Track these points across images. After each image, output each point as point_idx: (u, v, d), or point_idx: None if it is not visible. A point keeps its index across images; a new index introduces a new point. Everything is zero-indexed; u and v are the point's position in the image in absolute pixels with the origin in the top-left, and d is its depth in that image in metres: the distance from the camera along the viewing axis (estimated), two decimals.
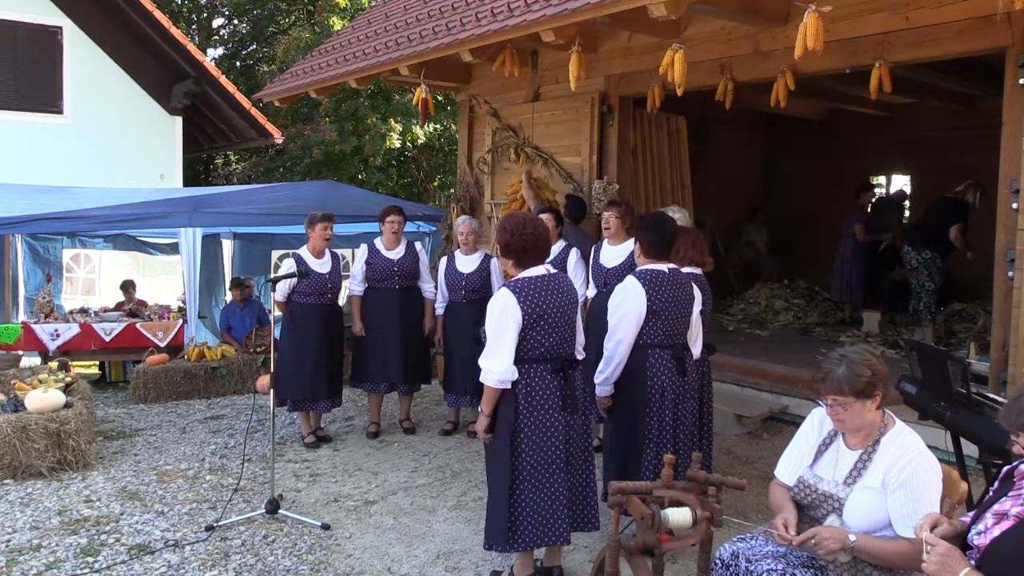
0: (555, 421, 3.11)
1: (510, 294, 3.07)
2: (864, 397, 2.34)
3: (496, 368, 3.05)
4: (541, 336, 3.08)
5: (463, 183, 7.77)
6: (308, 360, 5.25)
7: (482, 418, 3.16)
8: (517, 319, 3.04)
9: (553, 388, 3.12)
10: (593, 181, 6.40)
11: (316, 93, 7.49)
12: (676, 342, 3.57)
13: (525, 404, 3.09)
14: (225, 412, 6.36)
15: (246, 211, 7.24)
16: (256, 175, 15.67)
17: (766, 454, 5.06)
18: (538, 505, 3.11)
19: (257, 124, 12.33)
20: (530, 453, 3.10)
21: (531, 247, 3.15)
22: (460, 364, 5.50)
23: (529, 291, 3.08)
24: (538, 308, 3.06)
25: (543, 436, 3.11)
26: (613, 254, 4.83)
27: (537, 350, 3.09)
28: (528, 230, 3.16)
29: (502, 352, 3.05)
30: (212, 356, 7.04)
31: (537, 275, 3.14)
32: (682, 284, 3.58)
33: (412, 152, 16.44)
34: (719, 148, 9.73)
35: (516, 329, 3.04)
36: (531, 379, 3.09)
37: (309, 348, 5.26)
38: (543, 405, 3.10)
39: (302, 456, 5.18)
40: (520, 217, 3.25)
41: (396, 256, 5.54)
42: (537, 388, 3.10)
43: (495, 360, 3.06)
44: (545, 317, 3.08)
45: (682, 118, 7.31)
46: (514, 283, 3.13)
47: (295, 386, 5.25)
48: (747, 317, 8.69)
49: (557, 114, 6.76)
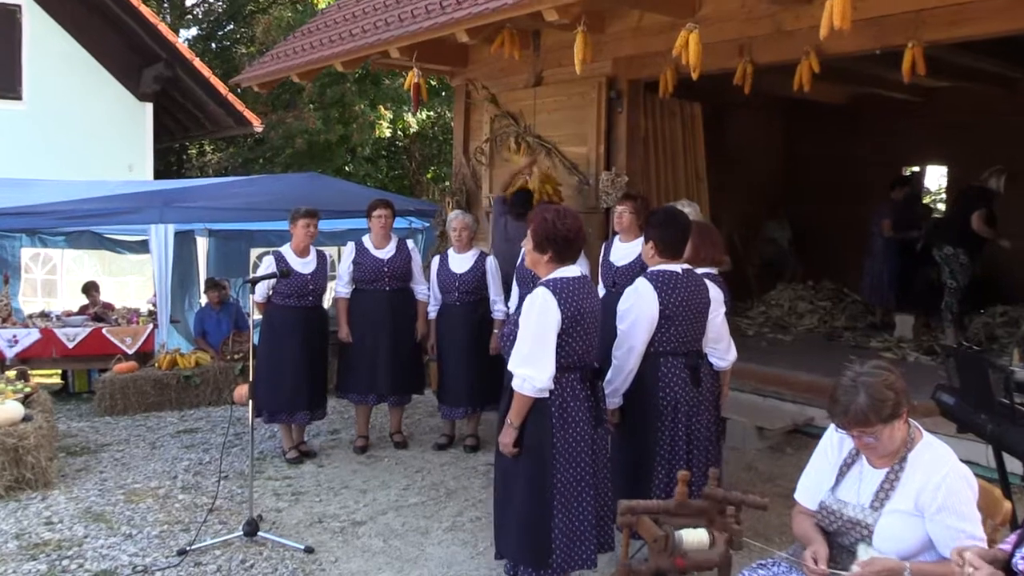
0: (585, 435, 3.13)
1: (549, 294, 3.06)
2: (892, 420, 2.32)
3: (540, 375, 3.01)
4: (575, 342, 3.09)
5: (459, 175, 7.77)
6: (289, 368, 5.25)
7: (509, 430, 3.10)
8: (557, 322, 3.04)
9: (582, 399, 3.13)
10: (600, 173, 6.39)
11: (299, 77, 7.48)
12: (690, 349, 3.57)
13: (559, 416, 3.08)
14: (199, 425, 6.35)
15: (223, 206, 7.24)
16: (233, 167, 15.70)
17: (790, 470, 5.04)
18: (568, 527, 3.11)
19: (234, 111, 12.34)
20: (563, 470, 3.09)
21: (574, 239, 3.16)
22: (455, 372, 5.50)
23: (567, 292, 3.08)
24: (575, 311, 3.07)
25: (575, 452, 3.11)
26: (624, 251, 4.82)
27: (570, 357, 3.09)
28: (570, 220, 3.16)
29: (544, 358, 3.02)
30: (185, 364, 7.03)
31: (572, 276, 3.15)
32: (697, 286, 3.59)
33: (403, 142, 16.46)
34: (737, 137, 9.73)
35: (555, 333, 3.04)
36: (563, 389, 3.10)
37: (290, 355, 5.26)
38: (575, 418, 3.11)
39: (283, 473, 5.17)
40: (557, 207, 3.27)
41: (386, 255, 5.54)
42: (569, 399, 3.11)
43: (537, 367, 3.02)
44: (581, 321, 3.09)
45: (697, 104, 7.31)
46: (553, 283, 3.11)
47: (274, 396, 5.25)
48: (768, 321, 8.69)
49: (561, 100, 6.76)
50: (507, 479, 3.23)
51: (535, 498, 3.10)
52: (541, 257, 3.18)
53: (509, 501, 3.21)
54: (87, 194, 7.16)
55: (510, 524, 3.19)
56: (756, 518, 4.23)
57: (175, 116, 13.25)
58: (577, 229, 3.17)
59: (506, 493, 3.23)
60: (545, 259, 3.17)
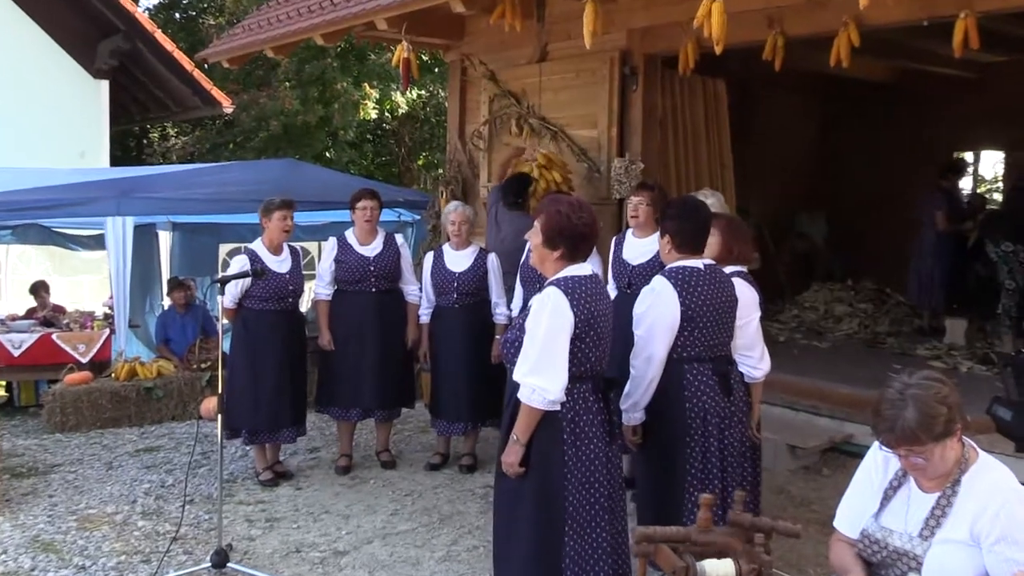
0: (600, 452, 3.14)
1: (561, 294, 3.07)
2: (944, 437, 2.31)
3: (551, 386, 3.02)
4: (589, 348, 3.10)
5: (453, 162, 7.78)
6: (264, 379, 5.26)
7: (515, 447, 3.10)
8: (570, 325, 3.05)
9: (596, 412, 3.15)
10: (612, 159, 6.41)
11: (274, 52, 7.48)
12: (718, 354, 3.57)
13: (571, 432, 3.09)
14: (162, 443, 6.36)
15: (188, 196, 7.24)
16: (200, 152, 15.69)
17: (826, 494, 5.05)
18: (581, 556, 3.10)
19: (201, 90, 12.34)
20: (576, 492, 3.09)
21: (589, 236, 3.18)
22: (451, 383, 5.51)
23: (580, 292, 3.09)
24: (589, 314, 3.08)
25: (589, 471, 3.12)
26: (640, 248, 4.83)
27: (583, 365, 3.11)
28: (587, 215, 3.18)
29: (556, 366, 3.03)
30: (146, 374, 7.04)
31: (584, 275, 3.16)
32: (722, 283, 3.59)
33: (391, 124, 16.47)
34: (767, 119, 9.75)
35: (568, 338, 3.05)
36: (576, 401, 3.10)
37: (265, 365, 5.26)
38: (589, 433, 3.12)
39: (256, 496, 5.17)
40: (572, 198, 3.29)
41: (372, 251, 5.54)
42: (582, 412, 3.11)
43: (548, 376, 3.02)
44: (595, 326, 3.10)
45: (721, 82, 7.31)
46: (564, 282, 3.12)
47: (253, 414, 5.25)
48: (802, 325, 8.70)
49: (568, 77, 6.77)
50: (511, 503, 3.22)
51: (544, 524, 3.09)
52: (550, 254, 3.18)
53: (513, 528, 3.20)
54: (34, 183, 7.15)
55: (514, 554, 3.17)
56: (788, 547, 4.23)
57: (134, 95, 13.25)
58: (593, 224, 3.19)
59: (510, 519, 3.22)
60: (555, 256, 3.17)
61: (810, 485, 5.30)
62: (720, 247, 3.89)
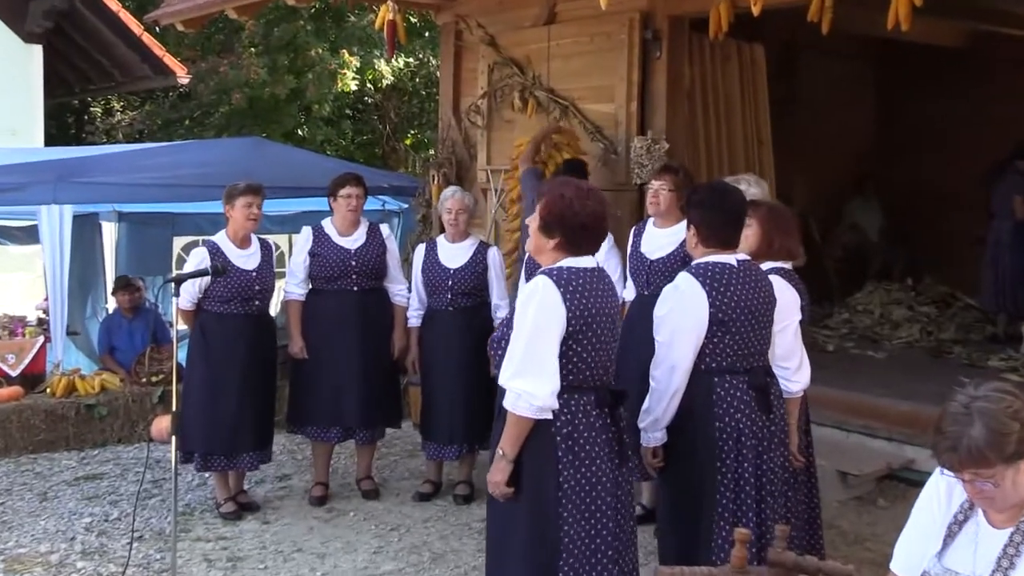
0: (604, 475, 3.15)
1: (551, 284, 3.10)
2: (1017, 459, 2.31)
3: (539, 389, 3.04)
4: (587, 352, 3.13)
5: (446, 141, 7.79)
6: (230, 396, 5.27)
7: (502, 464, 3.12)
8: (561, 323, 3.08)
9: (599, 428, 3.16)
10: (632, 138, 6.42)
11: (237, 13, 7.49)
12: (755, 365, 3.58)
13: (567, 448, 3.10)
14: (106, 469, 6.37)
15: (136, 181, 7.26)
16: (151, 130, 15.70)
17: (882, 529, 5.06)
18: None
19: (151, 57, 12.36)
20: (574, 522, 3.11)
21: (592, 228, 3.22)
22: (444, 399, 5.52)
23: (576, 285, 3.12)
24: (586, 310, 3.11)
25: (590, 496, 3.13)
26: (661, 240, 4.85)
27: (582, 372, 3.13)
28: (593, 203, 3.22)
29: (544, 366, 3.05)
30: (87, 389, 7.05)
31: (584, 267, 3.19)
32: (758, 282, 3.60)
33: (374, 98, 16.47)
34: (812, 90, 9.75)
35: (558, 336, 3.08)
36: (574, 413, 3.12)
37: (225, 377, 5.28)
38: (591, 452, 3.13)
39: (217, 532, 5.19)
40: (580, 183, 3.34)
41: (354, 244, 5.57)
42: (582, 427, 3.13)
43: (535, 379, 3.05)
44: (593, 326, 3.13)
45: (760, 47, 7.33)
46: (557, 272, 3.16)
47: (209, 434, 5.26)
48: (854, 331, 8.71)
49: (581, 43, 6.78)
50: (501, 530, 3.25)
51: (536, 556, 3.11)
52: (547, 242, 3.22)
53: (503, 560, 3.22)
54: None
55: None
56: None
57: (73, 63, 13.27)
58: (599, 216, 3.22)
59: (500, 550, 3.25)
60: (551, 245, 3.21)
61: (864, 519, 5.31)
62: (759, 240, 3.89)
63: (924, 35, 8.57)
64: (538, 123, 6.76)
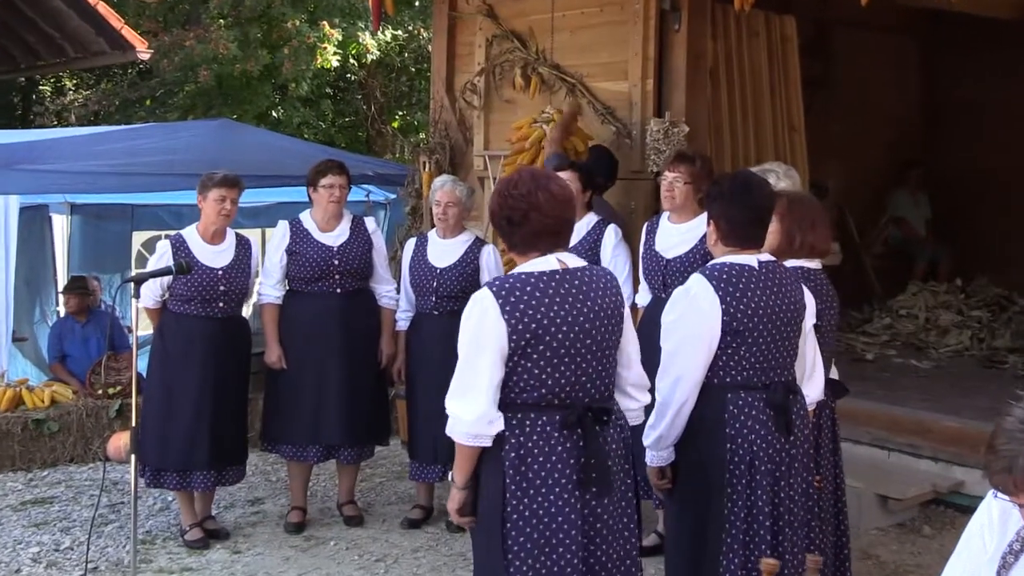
0: (565, 506, 3.11)
1: (491, 299, 3.11)
2: None
3: (465, 414, 3.12)
4: (539, 368, 3.12)
5: (439, 124, 7.78)
6: (183, 405, 5.30)
7: (454, 492, 3.22)
8: (499, 339, 3.09)
9: (562, 452, 3.13)
10: (648, 121, 6.41)
11: None
12: (775, 380, 3.55)
13: (514, 477, 3.11)
14: (56, 492, 6.38)
15: (91, 169, 7.27)
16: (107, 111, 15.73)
17: (928, 559, 5.07)
18: None
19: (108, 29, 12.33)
20: (523, 558, 3.10)
21: (519, 220, 3.18)
22: (434, 413, 5.50)
23: (521, 295, 3.11)
24: (533, 324, 3.09)
25: (543, 531, 3.10)
26: (677, 237, 4.90)
27: (536, 390, 3.13)
28: (523, 188, 3.18)
29: (475, 389, 3.11)
30: (35, 402, 7.05)
31: (539, 271, 3.18)
32: (783, 287, 3.58)
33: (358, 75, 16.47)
34: (850, 69, 9.74)
35: (497, 355, 3.10)
36: (524, 436, 3.13)
37: (185, 386, 5.31)
38: (547, 480, 3.11)
39: (182, 562, 5.20)
40: (518, 173, 3.32)
41: (336, 240, 5.60)
42: (536, 451, 3.12)
43: (464, 401, 3.13)
44: (546, 338, 3.11)
45: (791, 19, 7.32)
46: (500, 282, 3.18)
47: (160, 447, 5.28)
48: (896, 338, 8.71)
49: (590, 13, 6.78)
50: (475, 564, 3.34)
51: None
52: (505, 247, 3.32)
53: None
54: None
55: None
56: None
57: (19, 36, 13.26)
58: (527, 200, 3.16)
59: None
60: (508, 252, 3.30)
61: (907, 548, 5.32)
62: (778, 236, 3.87)
63: (974, 5, 8.53)
64: (541, 103, 6.75)
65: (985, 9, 8.92)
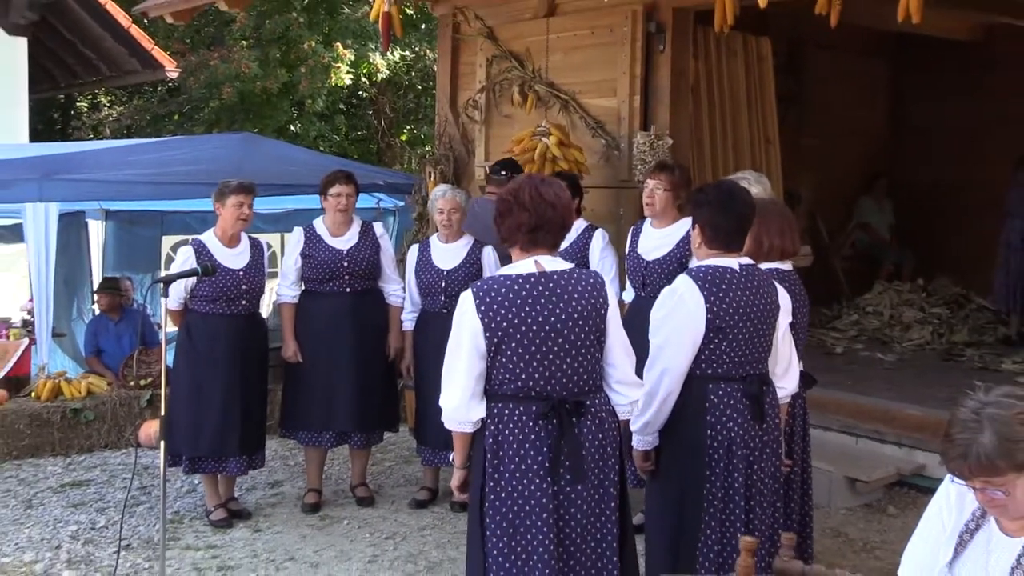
0: (535, 492, 3.18)
1: (470, 300, 3.22)
2: None
3: (448, 403, 3.27)
4: (512, 363, 3.20)
5: (443, 137, 7.81)
6: (216, 398, 5.29)
7: (455, 471, 3.42)
8: (475, 336, 3.20)
9: (536, 441, 3.20)
10: (635, 134, 6.44)
11: (228, 4, 7.51)
12: (751, 372, 3.59)
13: (492, 460, 3.23)
14: (92, 476, 6.39)
15: (124, 178, 7.25)
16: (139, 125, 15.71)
17: (892, 537, 5.08)
18: None
19: (140, 50, 12.35)
20: (498, 536, 3.20)
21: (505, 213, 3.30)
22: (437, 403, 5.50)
23: (496, 296, 3.20)
24: (505, 323, 3.18)
25: (514, 513, 3.19)
26: (657, 241, 4.87)
27: (512, 383, 3.22)
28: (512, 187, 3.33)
29: (454, 381, 3.26)
30: (73, 393, 7.05)
31: (515, 274, 3.26)
32: (760, 288, 3.62)
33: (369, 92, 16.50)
34: (821, 86, 9.77)
35: (475, 351, 3.21)
36: (501, 424, 3.23)
37: (215, 380, 5.30)
38: (520, 466, 3.20)
39: (207, 540, 5.20)
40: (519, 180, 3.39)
41: (346, 244, 5.59)
42: (511, 438, 3.21)
43: (446, 392, 3.28)
44: (516, 336, 3.18)
45: (766, 40, 7.34)
46: (481, 284, 3.29)
47: (196, 437, 5.29)
48: (863, 333, 8.73)
49: (582, 35, 6.80)
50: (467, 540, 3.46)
51: (473, 569, 3.28)
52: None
53: None
54: None
55: None
56: None
57: (59, 57, 13.27)
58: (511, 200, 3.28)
59: None
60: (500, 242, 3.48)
61: (873, 526, 5.32)
62: (749, 241, 3.84)
63: (936, 28, 8.56)
64: (537, 118, 6.77)
65: (944, 31, 9.02)
